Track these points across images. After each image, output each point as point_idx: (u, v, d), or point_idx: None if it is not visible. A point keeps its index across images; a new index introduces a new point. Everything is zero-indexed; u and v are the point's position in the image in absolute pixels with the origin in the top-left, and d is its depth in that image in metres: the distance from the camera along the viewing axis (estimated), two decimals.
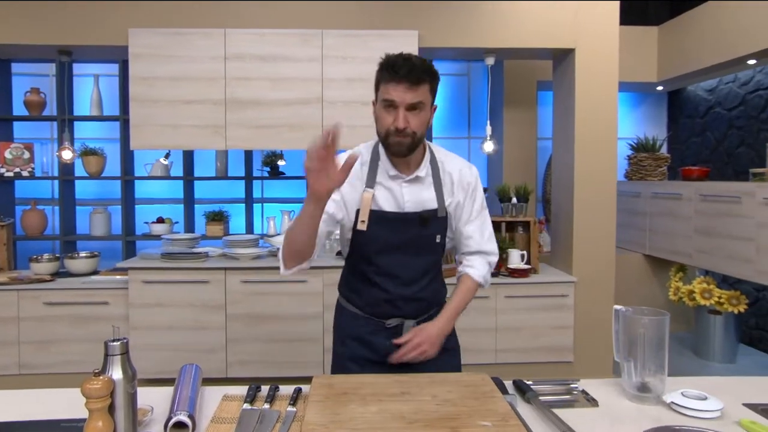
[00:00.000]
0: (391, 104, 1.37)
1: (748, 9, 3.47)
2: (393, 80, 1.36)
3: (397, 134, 1.38)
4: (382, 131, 1.41)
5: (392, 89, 1.36)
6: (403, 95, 1.36)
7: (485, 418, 1.06)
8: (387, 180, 1.49)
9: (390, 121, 1.38)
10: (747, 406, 1.24)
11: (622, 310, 1.32)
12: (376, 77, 1.44)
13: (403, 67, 1.35)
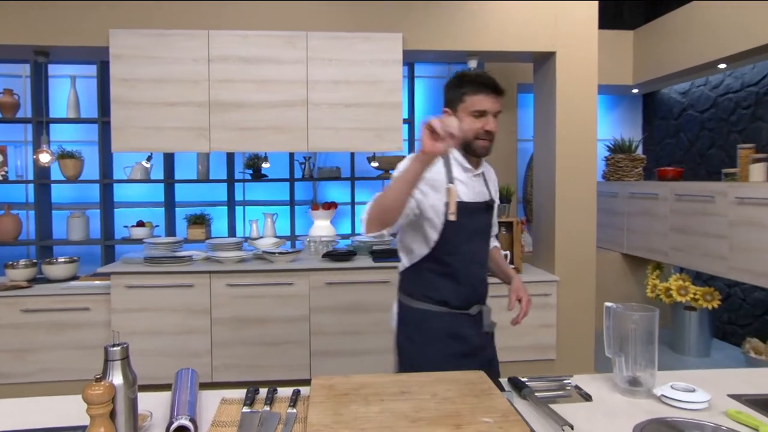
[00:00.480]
0: (482, 113, 1.64)
1: (718, 15, 3.59)
2: (482, 92, 1.64)
3: (486, 137, 1.65)
4: (471, 135, 1.65)
5: (484, 100, 1.64)
6: (492, 104, 1.65)
7: (486, 415, 1.09)
8: (461, 174, 1.70)
9: (479, 126, 1.64)
10: (732, 396, 1.29)
11: (612, 307, 1.36)
12: (453, 91, 1.69)
13: (490, 81, 1.65)
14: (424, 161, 1.36)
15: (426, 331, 1.69)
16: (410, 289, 1.74)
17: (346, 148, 3.33)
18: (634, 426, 1.14)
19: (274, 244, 3.53)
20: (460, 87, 1.67)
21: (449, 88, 1.71)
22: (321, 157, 4.24)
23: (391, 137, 3.33)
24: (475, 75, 1.68)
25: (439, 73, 4.59)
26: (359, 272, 3.18)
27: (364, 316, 3.19)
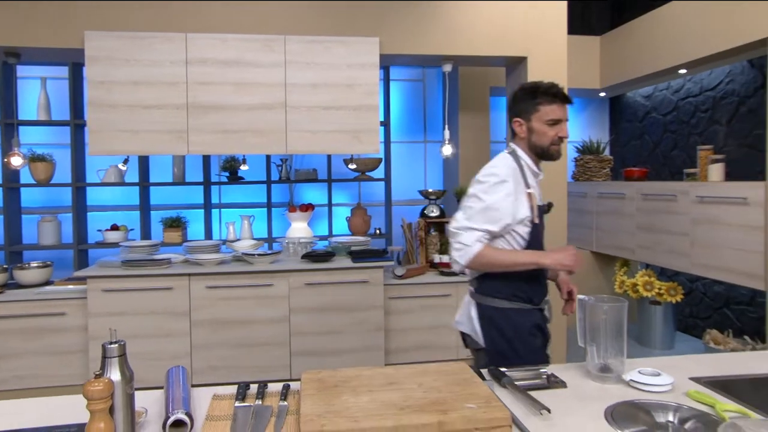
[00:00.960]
0: (556, 122, 1.77)
1: (678, 23, 3.77)
2: (556, 103, 1.76)
3: (559, 142, 1.79)
4: (547, 142, 1.78)
5: (557, 109, 1.77)
6: (564, 113, 1.79)
7: (470, 402, 1.15)
8: (532, 179, 1.84)
9: (553, 133, 1.77)
10: (692, 379, 1.39)
11: (585, 299, 1.44)
12: (526, 102, 1.79)
13: (562, 92, 1.78)
14: (546, 265, 1.69)
15: (515, 327, 1.79)
16: (495, 290, 1.82)
17: (324, 150, 3.38)
18: (605, 408, 1.22)
19: (252, 246, 3.55)
20: (534, 98, 1.77)
21: (521, 99, 1.81)
22: (297, 159, 4.27)
23: (369, 139, 3.39)
24: (548, 86, 1.77)
25: (413, 77, 4.67)
26: (338, 272, 3.23)
27: (343, 316, 3.24)
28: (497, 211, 1.70)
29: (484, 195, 1.73)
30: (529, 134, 1.80)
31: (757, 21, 3.10)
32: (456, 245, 1.73)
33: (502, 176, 1.73)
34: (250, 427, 1.17)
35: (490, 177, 1.75)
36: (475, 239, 1.70)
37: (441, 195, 3.90)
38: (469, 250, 1.69)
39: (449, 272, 3.45)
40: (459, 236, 1.72)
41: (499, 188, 1.72)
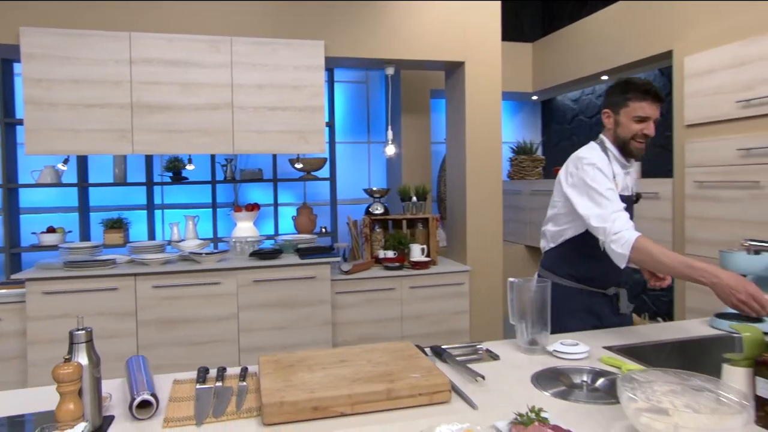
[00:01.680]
0: (645, 119, 1.77)
1: (600, 32, 4.10)
2: (646, 100, 1.76)
3: (643, 140, 1.79)
4: (629, 135, 1.80)
5: (647, 107, 1.76)
6: (654, 111, 1.78)
7: (414, 372, 1.29)
8: (618, 169, 1.85)
9: (638, 129, 1.78)
10: (605, 348, 1.60)
11: (515, 281, 1.62)
12: (617, 96, 1.81)
13: (652, 88, 1.76)
14: (713, 284, 1.43)
15: (566, 305, 1.88)
16: (554, 266, 1.96)
17: (271, 150, 3.45)
18: (531, 374, 1.40)
19: (198, 245, 3.56)
20: (625, 92, 1.79)
21: (614, 92, 1.83)
22: (242, 159, 4.30)
23: (315, 139, 3.49)
24: (641, 83, 1.77)
25: (357, 79, 4.80)
26: (286, 269, 3.31)
27: (292, 312, 3.32)
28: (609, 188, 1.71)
29: (592, 182, 1.72)
30: (615, 127, 1.84)
31: (664, 35, 3.44)
32: (611, 238, 1.62)
33: (594, 160, 1.75)
34: (212, 405, 1.26)
35: (586, 166, 1.74)
36: (624, 225, 1.63)
37: (385, 193, 4.05)
38: (625, 236, 1.60)
39: (393, 267, 3.61)
40: (607, 230, 1.65)
41: (597, 171, 1.73)
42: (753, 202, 2.68)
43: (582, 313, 1.91)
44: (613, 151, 1.86)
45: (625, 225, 1.63)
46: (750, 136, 2.69)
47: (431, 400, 1.23)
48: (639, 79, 1.80)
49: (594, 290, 1.91)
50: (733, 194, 2.77)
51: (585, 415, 1.17)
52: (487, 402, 1.24)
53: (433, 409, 1.20)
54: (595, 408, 1.20)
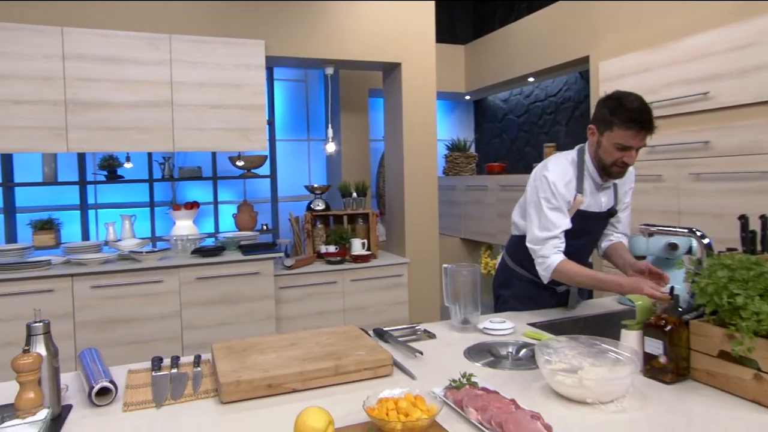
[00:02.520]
0: (627, 147, 1.69)
1: (526, 38, 4.39)
2: (631, 130, 1.65)
3: (623, 167, 1.74)
4: (609, 161, 1.74)
5: (631, 138, 1.66)
6: (637, 141, 1.68)
7: (359, 350, 1.42)
8: (591, 185, 1.85)
9: (619, 156, 1.71)
10: (529, 324, 1.79)
11: (448, 267, 1.78)
12: (606, 116, 1.70)
13: (646, 118, 1.65)
14: (625, 292, 1.61)
15: (515, 290, 2.05)
16: (512, 253, 2.09)
17: (212, 148, 3.46)
18: (464, 349, 1.56)
19: (137, 244, 3.52)
20: (613, 114, 1.67)
21: (603, 107, 1.72)
22: (181, 157, 4.26)
23: (256, 137, 3.54)
24: (630, 109, 1.64)
25: (296, 77, 4.86)
26: (229, 266, 3.34)
27: (236, 307, 3.36)
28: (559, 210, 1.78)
29: (543, 200, 1.78)
30: (597, 146, 1.77)
31: (582, 42, 3.75)
32: (538, 261, 1.79)
33: (554, 179, 1.78)
34: (170, 390, 1.33)
35: (544, 182, 1.79)
36: (550, 251, 1.76)
37: (326, 190, 4.15)
38: (548, 261, 1.76)
39: (335, 261, 3.72)
40: (536, 251, 1.79)
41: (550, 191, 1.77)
42: (657, 194, 3.01)
43: (528, 301, 2.02)
44: (589, 167, 1.82)
45: (552, 251, 1.77)
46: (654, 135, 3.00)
47: (375, 374, 1.36)
48: (631, 101, 1.67)
49: (543, 283, 1.93)
50: (640, 187, 3.09)
51: (509, 379, 1.34)
52: (425, 373, 1.39)
53: (377, 382, 1.34)
54: (518, 373, 1.38)
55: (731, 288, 1.17)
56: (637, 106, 1.66)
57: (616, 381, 1.15)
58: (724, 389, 1.21)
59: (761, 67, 2.48)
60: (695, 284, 1.25)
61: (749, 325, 1.12)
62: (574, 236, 1.85)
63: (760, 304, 1.12)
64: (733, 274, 1.20)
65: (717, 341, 1.21)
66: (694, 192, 2.80)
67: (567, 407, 1.16)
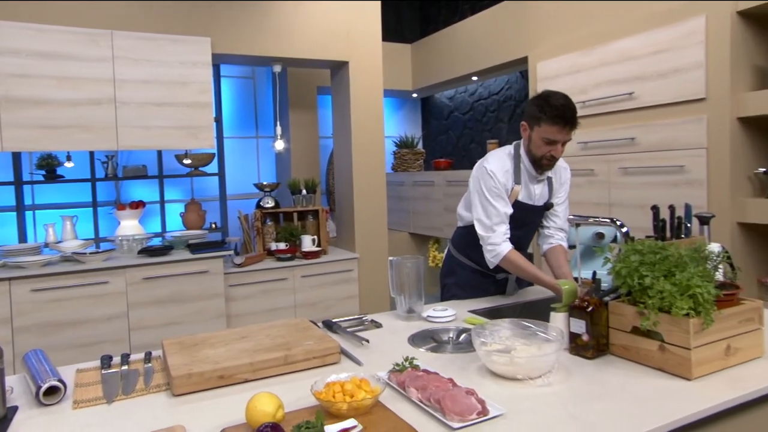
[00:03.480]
0: (553, 141, 1.83)
1: (470, 38, 4.54)
2: (557, 125, 1.79)
3: (551, 161, 1.89)
4: (539, 154, 1.88)
5: (557, 132, 1.81)
6: (564, 136, 1.83)
7: (308, 340, 1.49)
8: (527, 178, 1.97)
9: (547, 150, 1.86)
10: (470, 311, 1.91)
11: (394, 260, 1.87)
12: (535, 113, 1.83)
13: (569, 114, 1.79)
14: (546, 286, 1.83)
15: (459, 279, 2.16)
16: (456, 243, 2.22)
17: (158, 146, 3.42)
18: (408, 336, 1.65)
19: (80, 245, 3.43)
20: (541, 111, 1.81)
21: (532, 105, 1.86)
22: (125, 155, 4.17)
23: (204, 135, 3.51)
24: (556, 106, 1.78)
25: (244, 74, 4.83)
26: (177, 265, 3.31)
27: (185, 307, 3.34)
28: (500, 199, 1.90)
29: (486, 190, 1.90)
30: (529, 141, 1.91)
31: (521, 43, 3.92)
32: (487, 248, 1.90)
33: (494, 168, 1.90)
34: (121, 386, 1.35)
35: (485, 173, 1.91)
36: (500, 238, 1.88)
37: (275, 187, 4.16)
38: (498, 249, 1.88)
39: (285, 258, 3.75)
40: (485, 239, 1.90)
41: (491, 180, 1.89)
42: (590, 187, 3.21)
43: (470, 288, 2.14)
44: (524, 161, 1.95)
45: (502, 238, 1.89)
46: (586, 132, 3.20)
47: (323, 362, 1.43)
48: (557, 99, 1.81)
49: (484, 272, 2.11)
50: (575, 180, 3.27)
51: (449, 361, 1.44)
52: (371, 360, 1.47)
53: (325, 369, 1.41)
54: (458, 356, 1.48)
55: (641, 270, 1.31)
56: (561, 103, 1.81)
57: (543, 358, 1.27)
58: (636, 360, 1.35)
59: (678, 70, 2.70)
60: (612, 269, 1.38)
61: (654, 302, 1.26)
62: (514, 227, 1.96)
63: (663, 283, 1.26)
64: (643, 258, 1.34)
65: (630, 318, 1.35)
66: (623, 185, 3.01)
67: (500, 384, 1.27)
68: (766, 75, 2.57)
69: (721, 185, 2.55)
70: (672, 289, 1.25)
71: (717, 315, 1.24)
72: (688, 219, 1.71)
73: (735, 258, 2.51)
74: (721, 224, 2.54)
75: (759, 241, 2.62)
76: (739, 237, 2.56)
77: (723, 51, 2.51)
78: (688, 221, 1.71)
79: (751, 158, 2.58)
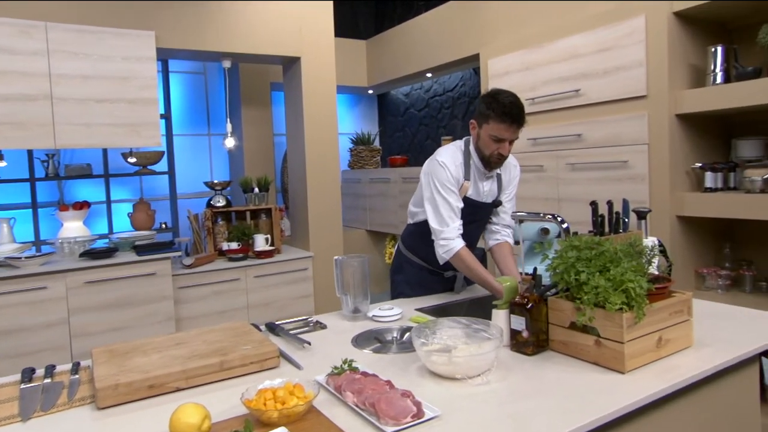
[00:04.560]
0: (501, 139, 1.83)
1: (423, 35, 4.54)
2: (505, 123, 1.80)
3: (499, 159, 1.89)
4: (487, 153, 1.89)
5: (504, 130, 1.81)
6: (512, 135, 1.84)
7: (246, 345, 1.44)
8: (476, 175, 1.97)
9: (495, 148, 1.86)
10: (417, 309, 1.90)
11: (339, 259, 1.84)
12: (484, 110, 1.84)
13: (516, 113, 1.79)
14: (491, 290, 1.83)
15: (407, 276, 2.15)
16: (406, 241, 2.21)
17: (99, 144, 3.27)
18: (352, 337, 1.63)
19: (16, 249, 3.26)
20: (489, 108, 1.81)
21: (481, 103, 1.86)
22: (67, 154, 3.98)
23: (148, 133, 3.39)
24: (504, 104, 1.78)
25: (194, 69, 4.69)
26: (122, 267, 3.19)
27: (131, 311, 3.22)
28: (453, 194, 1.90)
29: (438, 183, 1.89)
30: (477, 139, 1.91)
31: (473, 40, 3.95)
32: (440, 242, 1.89)
33: (446, 162, 1.91)
34: (40, 401, 1.27)
35: (437, 167, 1.91)
36: (453, 233, 1.88)
37: (226, 185, 4.06)
38: (451, 245, 1.87)
39: (237, 258, 3.66)
40: (438, 233, 1.89)
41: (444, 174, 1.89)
42: (539, 182, 3.26)
43: (419, 286, 2.14)
44: (474, 157, 1.95)
45: (456, 233, 1.88)
46: (536, 129, 3.25)
47: (262, 367, 1.39)
48: (505, 97, 1.81)
49: (432, 269, 2.11)
50: (525, 176, 3.32)
51: (391, 362, 1.43)
52: (312, 363, 1.44)
53: (263, 374, 1.36)
54: (400, 356, 1.47)
55: (577, 266, 1.32)
56: (509, 101, 1.81)
57: (481, 357, 1.26)
58: (574, 355, 1.37)
59: (620, 68, 2.76)
60: (549, 265, 1.39)
61: (590, 298, 1.27)
62: (463, 223, 1.95)
63: (599, 279, 1.28)
64: (579, 254, 1.35)
65: (568, 314, 1.37)
66: (571, 180, 3.07)
67: (439, 384, 1.26)
68: (700, 74, 2.66)
69: (662, 180, 2.62)
70: (606, 285, 1.26)
71: (648, 308, 1.27)
72: (626, 214, 1.74)
73: (674, 250, 2.59)
74: (661, 217, 2.62)
75: (696, 234, 2.72)
76: (678, 230, 2.64)
77: (661, 50, 2.58)
78: (626, 216, 1.74)
79: (688, 154, 2.66)
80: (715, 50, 2.54)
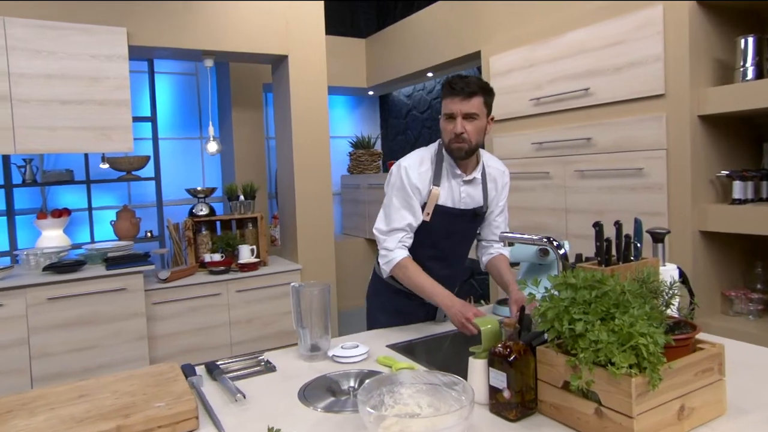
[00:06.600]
0: (451, 116, 1.63)
1: (424, 32, 4.25)
2: (450, 95, 1.63)
3: (457, 140, 1.64)
4: (446, 139, 1.67)
5: (450, 103, 1.63)
6: (459, 107, 1.62)
7: (161, 401, 1.16)
8: (449, 179, 1.73)
9: (450, 129, 1.64)
10: (388, 346, 1.60)
11: (295, 286, 1.55)
12: (441, 96, 1.68)
13: (458, 83, 1.61)
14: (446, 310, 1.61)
15: (382, 302, 1.90)
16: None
17: (66, 149, 3.04)
18: (301, 386, 1.34)
19: None
20: (442, 90, 1.68)
21: None
22: (51, 159, 3.77)
23: (120, 137, 3.15)
24: (452, 79, 1.63)
25: (186, 70, 4.45)
26: (89, 283, 2.95)
27: (98, 329, 2.97)
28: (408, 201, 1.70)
29: (392, 189, 1.72)
30: (442, 132, 1.71)
31: (474, 37, 3.64)
32: (381, 253, 1.73)
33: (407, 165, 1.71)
34: None
35: (396, 171, 1.73)
36: (394, 244, 1.70)
37: (210, 193, 3.81)
38: (392, 255, 1.70)
39: (219, 271, 3.40)
40: (380, 241, 1.73)
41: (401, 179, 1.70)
42: (544, 191, 2.94)
43: (395, 313, 1.88)
44: (447, 158, 1.73)
45: (396, 244, 1.70)
46: (541, 131, 2.94)
47: (174, 431, 1.11)
48: (458, 75, 1.67)
49: (410, 292, 1.79)
50: (529, 184, 3.02)
51: (336, 426, 1.14)
52: (240, 423, 1.16)
53: None
54: (353, 417, 1.17)
55: (572, 312, 1.02)
56: (461, 75, 1.67)
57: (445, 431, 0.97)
58: (569, 425, 1.06)
59: (633, 64, 2.44)
60: (536, 309, 1.09)
61: (587, 355, 0.97)
62: (441, 236, 1.77)
63: (600, 330, 0.97)
64: (575, 296, 1.05)
65: (561, 371, 1.06)
66: (579, 189, 2.75)
67: None
68: (727, 69, 2.33)
69: (682, 190, 2.30)
70: (609, 339, 0.96)
71: (666, 370, 0.96)
72: (638, 237, 1.43)
73: (696, 271, 2.26)
74: (682, 233, 2.29)
75: (722, 251, 2.38)
76: (701, 247, 2.31)
77: (682, 42, 2.26)
78: (638, 239, 1.43)
79: (713, 160, 2.33)
80: (746, 42, 2.20)
